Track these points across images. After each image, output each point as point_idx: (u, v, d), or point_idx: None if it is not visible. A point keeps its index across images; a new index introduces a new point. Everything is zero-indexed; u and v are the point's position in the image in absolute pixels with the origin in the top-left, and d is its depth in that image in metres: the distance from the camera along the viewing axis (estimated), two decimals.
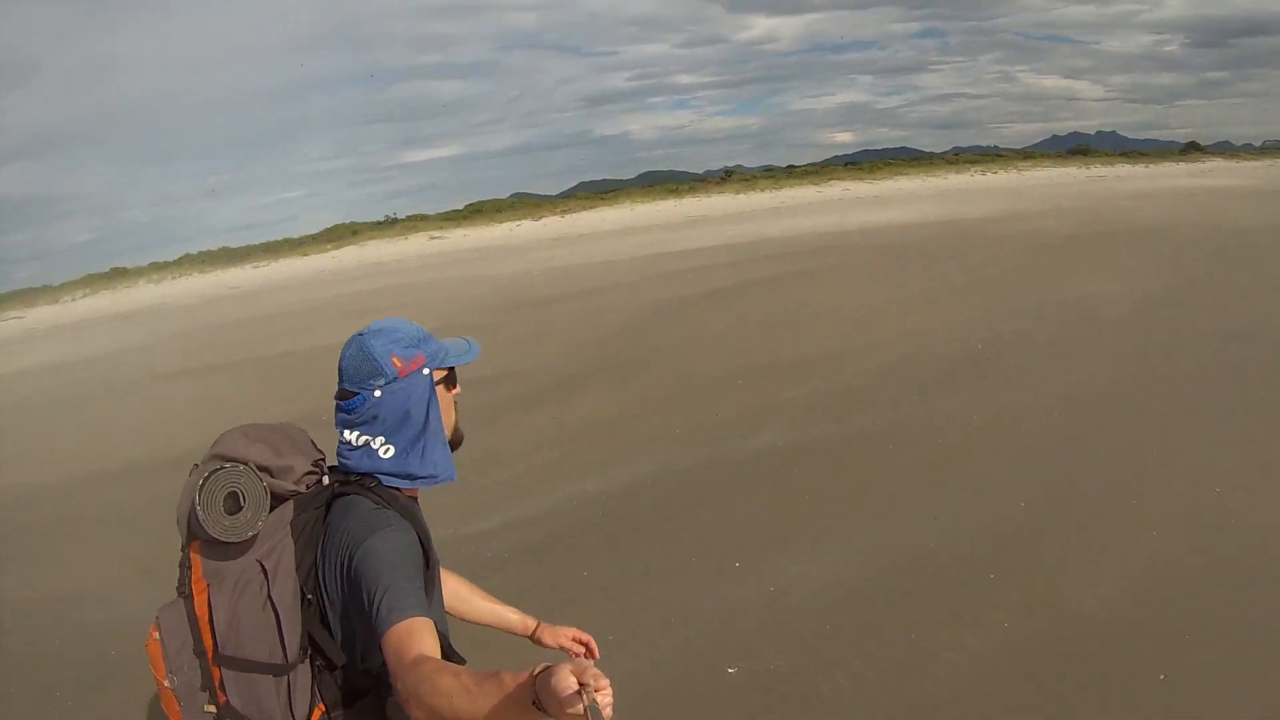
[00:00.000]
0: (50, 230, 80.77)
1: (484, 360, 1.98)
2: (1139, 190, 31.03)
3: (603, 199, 48.60)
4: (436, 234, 43.00)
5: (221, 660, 1.64)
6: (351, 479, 1.74)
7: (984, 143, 72.01)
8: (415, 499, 1.81)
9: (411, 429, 1.76)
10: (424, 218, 46.78)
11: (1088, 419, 6.78)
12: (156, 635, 1.67)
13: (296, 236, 44.60)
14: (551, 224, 40.53)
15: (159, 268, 40.69)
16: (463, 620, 2.18)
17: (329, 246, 42.53)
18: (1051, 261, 14.62)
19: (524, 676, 1.24)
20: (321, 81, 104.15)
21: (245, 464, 1.70)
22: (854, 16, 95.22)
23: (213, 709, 1.65)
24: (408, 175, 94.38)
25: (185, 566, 1.69)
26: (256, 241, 43.98)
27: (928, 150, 58.47)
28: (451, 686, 1.31)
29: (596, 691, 1.16)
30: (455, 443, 1.87)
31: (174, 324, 22.12)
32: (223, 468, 1.67)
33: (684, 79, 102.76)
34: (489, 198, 49.96)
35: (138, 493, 7.42)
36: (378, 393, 1.73)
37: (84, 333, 23.91)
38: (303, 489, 1.76)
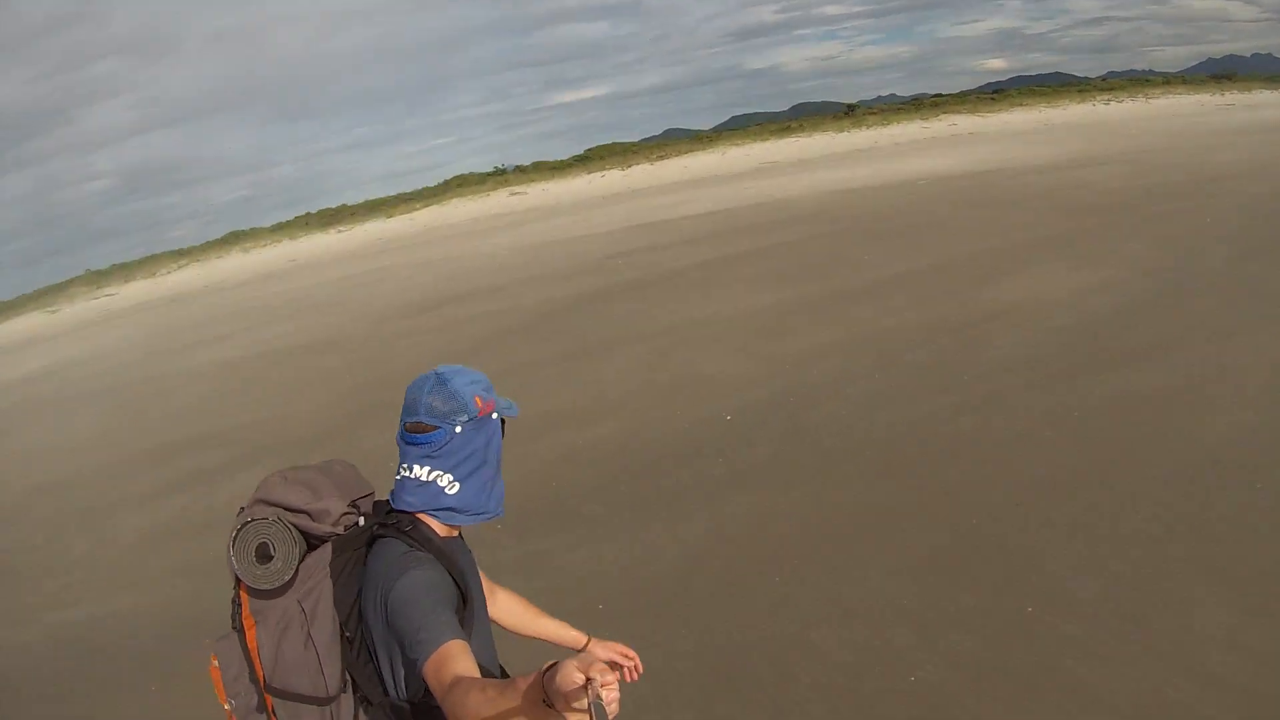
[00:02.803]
0: (202, 190, 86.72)
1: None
2: (1254, 123, 26.99)
3: (697, 143, 47.31)
4: (518, 189, 42.65)
5: (270, 690, 1.76)
6: (390, 521, 1.80)
7: (1138, 67, 65.43)
8: (458, 536, 1.90)
9: (483, 467, 1.83)
10: (540, 166, 46.46)
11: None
12: (216, 663, 1.81)
13: (402, 191, 45.29)
14: (636, 173, 39.51)
15: (275, 230, 42.46)
16: (520, 636, 2.29)
17: (418, 206, 43.16)
18: (1031, 239, 12.14)
19: (534, 677, 1.32)
20: (466, 30, 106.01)
21: (279, 512, 1.81)
22: None
23: None
24: (559, 116, 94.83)
25: (235, 603, 1.82)
26: (411, 189, 44.96)
27: (1081, 75, 55.84)
28: (479, 701, 1.40)
29: (603, 686, 1.20)
30: None
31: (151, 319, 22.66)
32: (253, 520, 1.78)
33: (831, 9, 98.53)
34: (642, 137, 49.94)
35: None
36: (459, 429, 1.80)
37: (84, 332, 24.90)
38: (340, 530, 1.84)
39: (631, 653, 2.15)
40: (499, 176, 45.88)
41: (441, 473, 1.80)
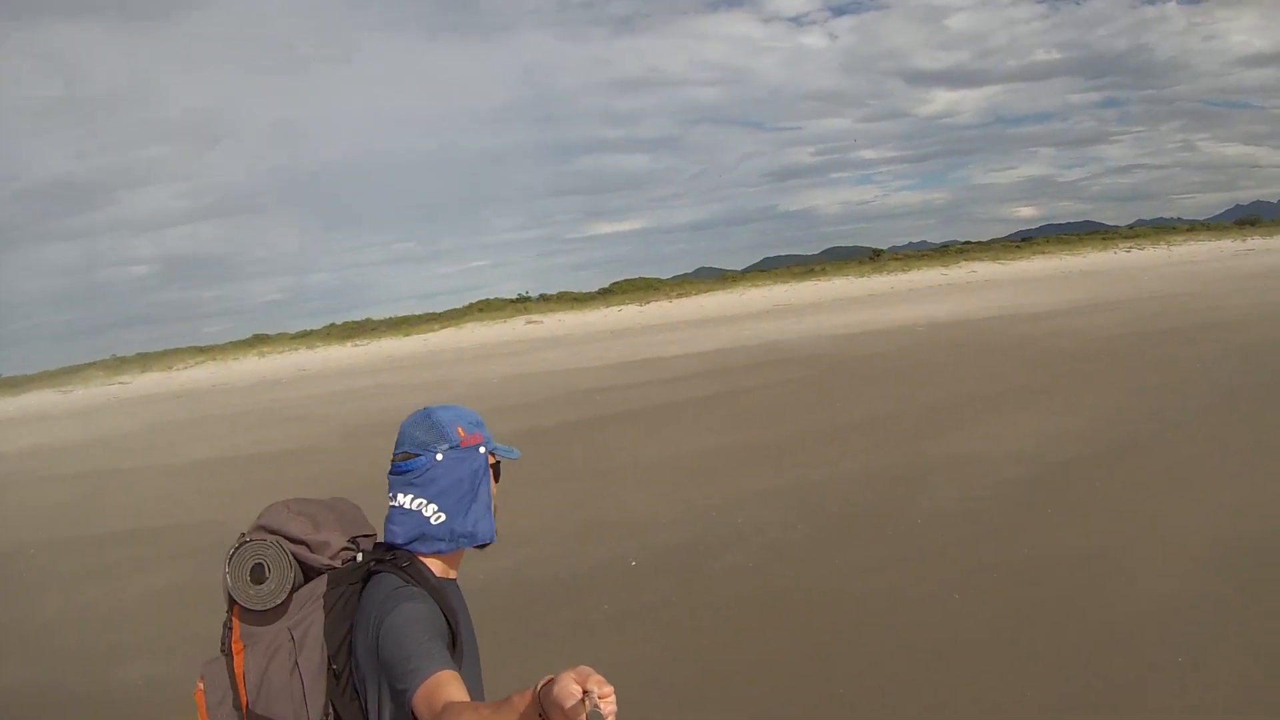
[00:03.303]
0: (242, 288, 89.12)
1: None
2: (1267, 268, 26.97)
3: (720, 282, 48.19)
4: (535, 318, 43.22)
5: (252, 717, 1.74)
6: (386, 557, 1.78)
7: (1167, 214, 67.16)
8: (453, 581, 1.87)
9: (466, 498, 1.81)
10: (564, 296, 47.24)
11: None
12: (201, 686, 1.78)
13: (430, 310, 46.02)
14: (651, 310, 40.00)
15: (290, 339, 43.21)
16: None
17: (437, 327, 43.82)
18: (1005, 388, 11.67)
19: (530, 693, 1.29)
20: (509, 153, 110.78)
21: (278, 539, 1.79)
22: (1033, 88, 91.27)
23: None
24: (595, 247, 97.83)
25: (227, 627, 1.79)
26: (442, 309, 45.67)
27: (1111, 223, 57.27)
28: None
29: (600, 698, 1.20)
30: (493, 534, 1.87)
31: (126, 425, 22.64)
32: (251, 540, 1.78)
33: (867, 154, 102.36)
34: (674, 274, 51.14)
35: None
36: (439, 456, 1.80)
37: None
38: (337, 564, 1.83)
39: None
40: (520, 304, 46.72)
41: (425, 501, 1.79)
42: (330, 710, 1.72)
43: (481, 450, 1.86)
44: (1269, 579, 5.01)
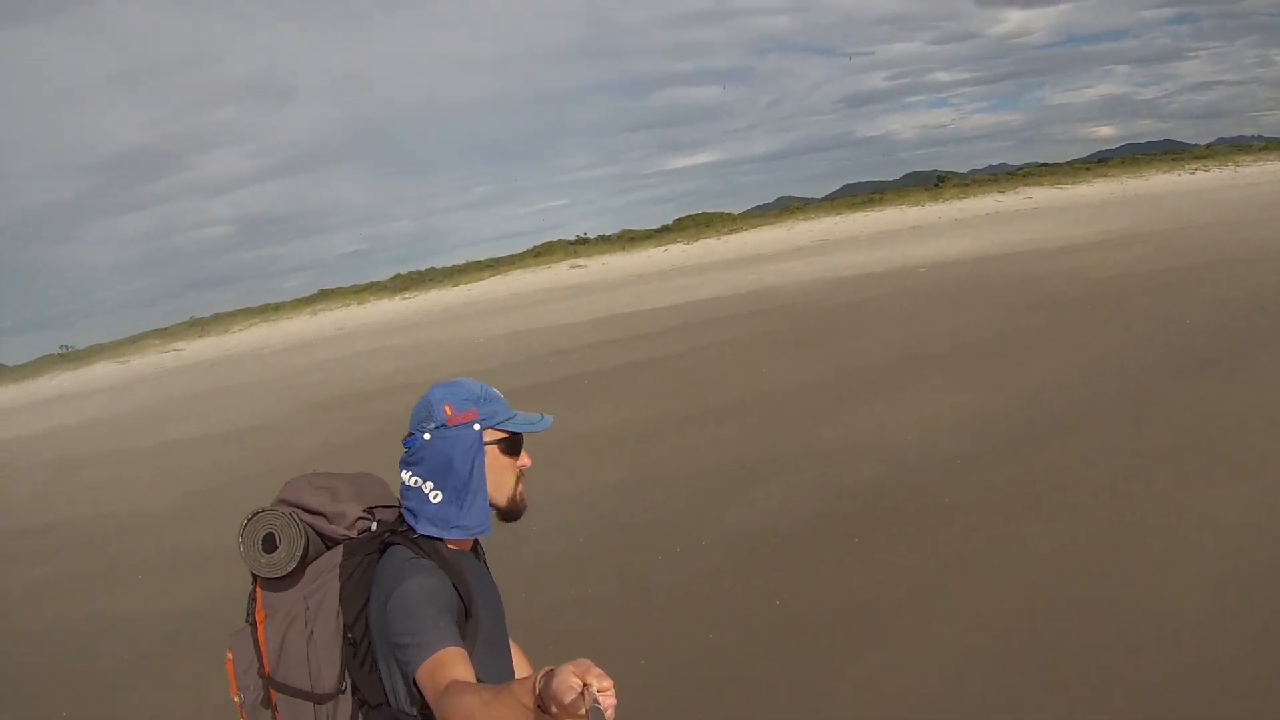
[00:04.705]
0: (319, 242, 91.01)
1: None
2: None
3: (778, 216, 46.71)
4: (579, 263, 42.56)
5: (273, 684, 1.74)
6: (400, 528, 1.77)
7: (1247, 131, 61.54)
8: (467, 550, 1.83)
9: (455, 479, 1.75)
10: (625, 235, 46.46)
11: None
12: (230, 657, 1.80)
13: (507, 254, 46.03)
14: (695, 249, 38.96)
15: (354, 291, 43.78)
16: None
17: (486, 275, 43.62)
18: (954, 346, 10.38)
19: (529, 682, 1.27)
20: (580, 90, 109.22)
21: (295, 511, 1.79)
22: (1105, 4, 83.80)
23: None
24: (672, 181, 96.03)
25: (251, 598, 1.80)
26: (522, 248, 45.86)
27: (1191, 142, 54.58)
28: (472, 704, 1.35)
29: (600, 692, 1.17)
30: (511, 513, 1.82)
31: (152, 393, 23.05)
32: (264, 511, 1.78)
33: (941, 76, 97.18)
34: (755, 204, 50.46)
35: None
36: (427, 436, 1.75)
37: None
38: (353, 535, 1.82)
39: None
40: (576, 246, 46.10)
41: (421, 480, 1.76)
42: (346, 680, 1.70)
43: (476, 428, 1.76)
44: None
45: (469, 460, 1.76)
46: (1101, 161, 47.37)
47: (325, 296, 43.99)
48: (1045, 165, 48.80)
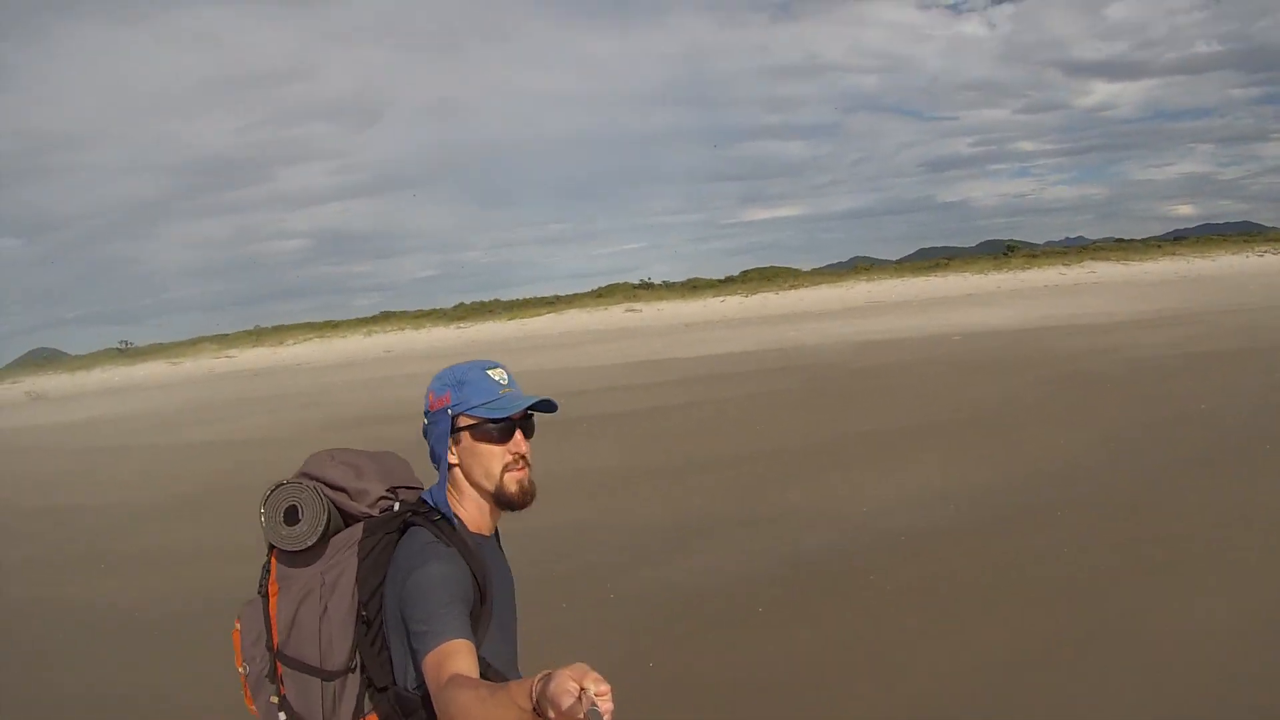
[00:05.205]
0: (392, 264, 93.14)
1: None
2: None
3: (838, 276, 46.40)
4: (634, 306, 42.73)
5: (280, 657, 1.72)
6: (421, 509, 1.72)
7: None
8: (492, 537, 1.79)
9: (439, 465, 1.75)
10: (691, 283, 46.60)
11: None
12: (238, 627, 1.78)
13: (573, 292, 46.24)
14: (751, 303, 38.82)
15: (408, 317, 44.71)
16: None
17: (543, 311, 44.02)
18: (955, 419, 9.91)
19: (528, 685, 1.24)
20: (666, 136, 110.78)
21: (318, 485, 1.76)
22: (1192, 81, 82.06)
23: (275, 699, 1.73)
24: (751, 232, 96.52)
25: (265, 569, 1.78)
26: (589, 288, 46.30)
27: (1270, 224, 54.88)
28: (470, 700, 1.34)
29: (597, 696, 1.15)
30: (504, 501, 1.73)
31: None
32: (287, 484, 1.75)
33: (1025, 145, 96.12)
34: (831, 260, 50.68)
35: None
36: (425, 422, 1.75)
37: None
38: (375, 513, 1.79)
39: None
40: (636, 289, 46.33)
41: (437, 466, 1.76)
42: (356, 658, 1.68)
43: (449, 413, 1.71)
44: None
45: (442, 447, 1.73)
46: (1177, 240, 46.86)
47: (385, 319, 45.01)
48: (1120, 241, 48.28)
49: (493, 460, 1.71)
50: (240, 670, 1.78)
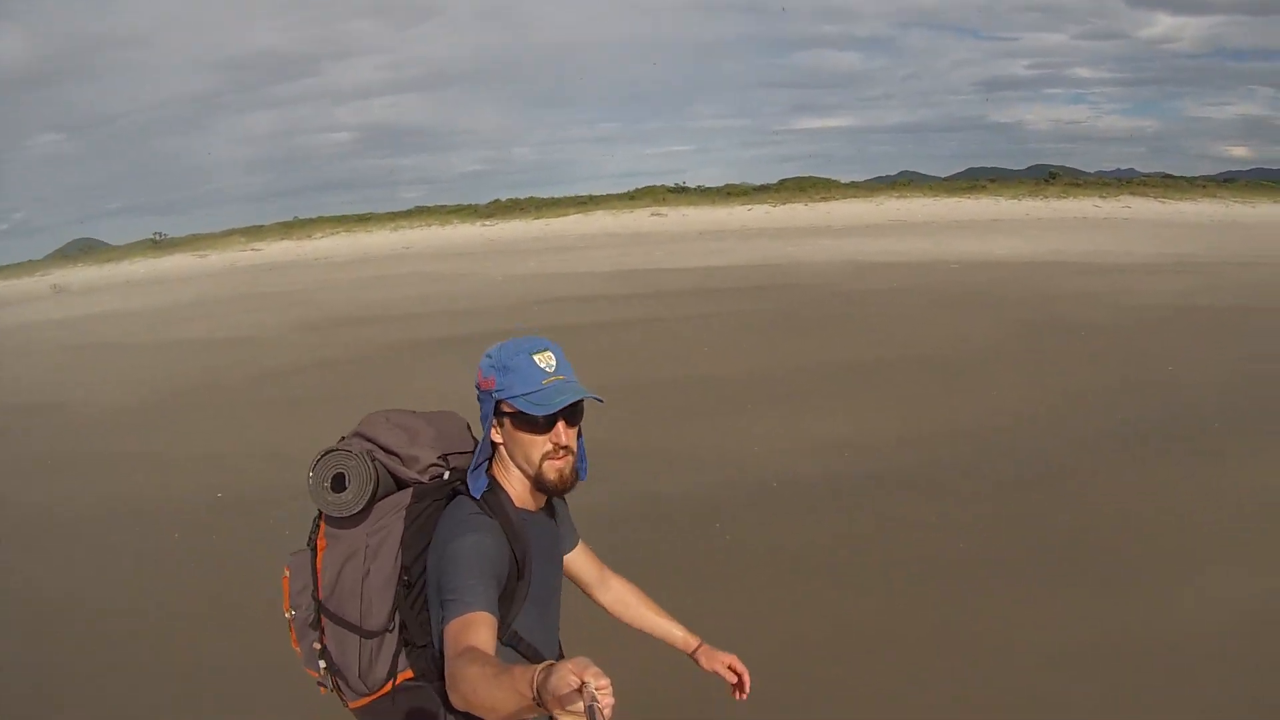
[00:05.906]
0: (439, 159, 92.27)
1: None
2: None
3: (871, 191, 44.73)
4: (660, 210, 41.70)
5: (324, 610, 1.77)
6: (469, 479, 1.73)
7: None
8: (541, 511, 1.78)
9: (485, 439, 1.74)
10: (727, 189, 45.38)
11: None
12: (287, 574, 1.84)
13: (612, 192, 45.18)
14: (778, 213, 37.67)
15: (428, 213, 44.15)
16: (628, 626, 2.12)
17: (570, 211, 43.19)
18: (904, 355, 9.34)
19: (530, 673, 1.24)
20: (724, 42, 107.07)
21: (371, 448, 1.78)
22: (1257, 22, 75.63)
23: (318, 646, 1.79)
24: (802, 141, 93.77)
25: (315, 523, 1.81)
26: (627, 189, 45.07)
27: None
28: (475, 675, 1.36)
29: (598, 689, 1.14)
30: (544, 487, 1.72)
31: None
32: (336, 450, 1.75)
33: (1082, 72, 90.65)
34: (879, 173, 49.38)
35: None
36: (478, 397, 1.74)
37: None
38: (424, 480, 1.80)
39: (741, 667, 2.04)
40: (668, 193, 45.15)
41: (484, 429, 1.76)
42: (396, 620, 1.71)
43: (493, 397, 1.70)
44: None
45: (488, 425, 1.74)
46: (1226, 182, 44.01)
47: (416, 214, 44.35)
48: (1169, 177, 45.53)
49: (533, 449, 1.69)
50: (287, 615, 1.83)
